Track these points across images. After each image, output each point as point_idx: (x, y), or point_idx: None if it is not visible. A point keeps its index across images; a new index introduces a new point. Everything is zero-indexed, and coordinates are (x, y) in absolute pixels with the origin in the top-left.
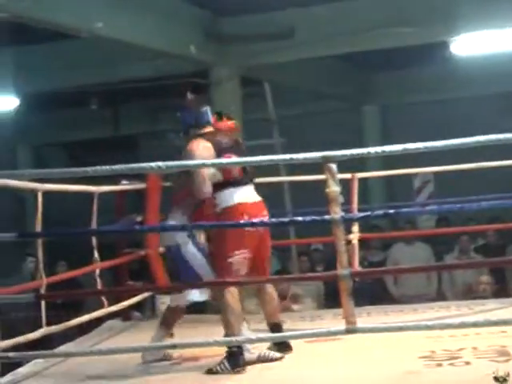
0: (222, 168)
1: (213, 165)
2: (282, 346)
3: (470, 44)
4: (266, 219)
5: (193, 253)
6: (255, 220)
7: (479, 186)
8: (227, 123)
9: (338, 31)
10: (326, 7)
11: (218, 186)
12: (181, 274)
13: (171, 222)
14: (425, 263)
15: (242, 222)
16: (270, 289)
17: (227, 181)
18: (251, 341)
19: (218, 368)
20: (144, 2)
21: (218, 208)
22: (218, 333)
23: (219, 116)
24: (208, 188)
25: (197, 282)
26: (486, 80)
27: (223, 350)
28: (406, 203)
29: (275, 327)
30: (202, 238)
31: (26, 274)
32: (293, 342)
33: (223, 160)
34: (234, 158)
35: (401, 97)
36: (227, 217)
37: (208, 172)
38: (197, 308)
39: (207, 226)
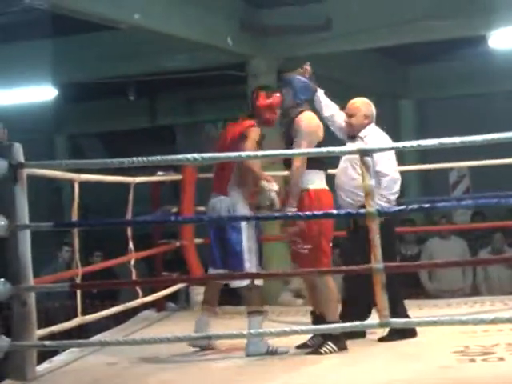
0: None
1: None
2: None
3: (509, 38)
4: None
5: (250, 239)
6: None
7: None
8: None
9: (375, 24)
10: (363, 0)
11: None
12: (229, 255)
13: (232, 201)
14: (459, 258)
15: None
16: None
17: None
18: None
19: (324, 350)
20: None
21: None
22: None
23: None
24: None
25: (240, 272)
26: None
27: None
28: (442, 197)
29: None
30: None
31: (61, 263)
32: None
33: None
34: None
35: (437, 91)
36: (318, 199)
37: None
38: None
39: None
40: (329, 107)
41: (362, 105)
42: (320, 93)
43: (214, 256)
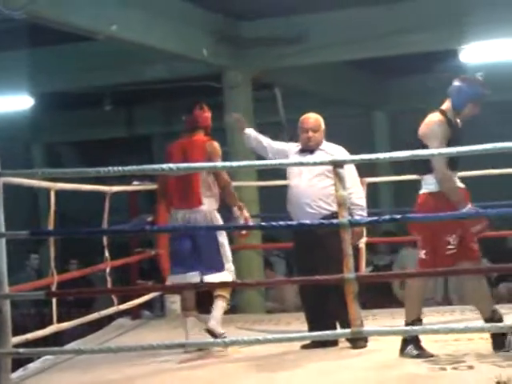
0: None
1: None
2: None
3: (479, 52)
4: None
5: (224, 242)
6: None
7: (484, 193)
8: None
9: (350, 37)
10: (339, 13)
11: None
12: (209, 258)
13: (207, 212)
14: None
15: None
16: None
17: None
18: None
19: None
20: (159, 6)
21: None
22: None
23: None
24: None
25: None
26: (493, 88)
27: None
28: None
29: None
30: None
31: (30, 271)
32: (291, 346)
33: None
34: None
35: (410, 103)
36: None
37: None
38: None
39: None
40: (260, 140)
41: (321, 120)
42: (248, 131)
43: (186, 261)
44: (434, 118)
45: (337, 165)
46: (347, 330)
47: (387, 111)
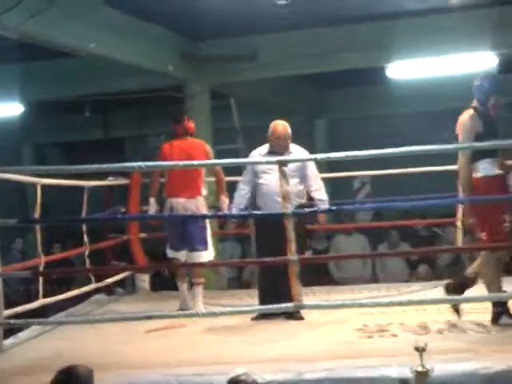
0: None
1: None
2: None
3: (402, 69)
4: None
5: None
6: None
7: (408, 188)
8: (192, 123)
9: (294, 55)
10: (284, 34)
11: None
12: (196, 239)
13: (199, 202)
14: (361, 251)
15: None
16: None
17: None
18: None
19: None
20: (131, 28)
21: (479, 175)
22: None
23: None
24: None
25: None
26: (415, 100)
27: None
28: (347, 201)
29: None
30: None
31: (16, 253)
32: (245, 318)
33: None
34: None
35: (346, 112)
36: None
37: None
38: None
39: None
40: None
41: (288, 127)
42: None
43: (176, 241)
44: (465, 115)
45: (282, 164)
46: (290, 304)
47: (327, 119)
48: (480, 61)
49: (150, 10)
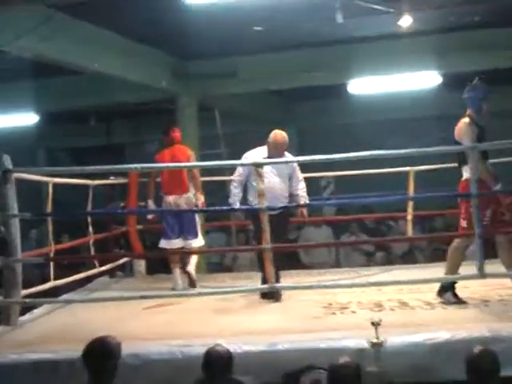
0: None
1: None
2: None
3: (361, 85)
4: None
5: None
6: None
7: (367, 186)
8: (178, 133)
9: (268, 73)
10: (260, 56)
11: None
12: (189, 230)
13: (190, 198)
14: (326, 240)
15: None
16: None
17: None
18: None
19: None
20: (130, 49)
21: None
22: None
23: (167, 128)
24: None
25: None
26: (372, 111)
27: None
28: (315, 197)
29: None
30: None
31: (31, 241)
32: (229, 296)
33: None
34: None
35: (312, 121)
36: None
37: None
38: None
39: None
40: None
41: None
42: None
43: (171, 232)
44: (462, 123)
45: (258, 166)
46: (265, 286)
47: (296, 127)
48: (426, 79)
49: (146, 34)
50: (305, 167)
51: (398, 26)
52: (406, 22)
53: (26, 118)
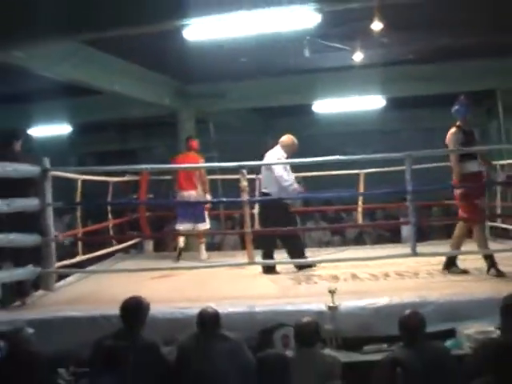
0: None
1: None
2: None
3: (323, 105)
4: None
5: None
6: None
7: (328, 185)
8: (195, 142)
9: (252, 95)
10: (244, 81)
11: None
12: (199, 217)
13: (199, 194)
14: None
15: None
16: None
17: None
18: None
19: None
20: (142, 75)
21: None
22: None
23: (188, 136)
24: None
25: None
26: (332, 125)
27: None
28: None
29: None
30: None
31: (63, 224)
32: (219, 269)
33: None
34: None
35: (287, 132)
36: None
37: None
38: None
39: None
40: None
41: None
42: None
43: (183, 218)
44: (451, 131)
45: (242, 167)
46: (246, 260)
47: (273, 138)
48: (373, 101)
49: (155, 63)
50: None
51: (352, 60)
52: (358, 57)
53: (61, 129)
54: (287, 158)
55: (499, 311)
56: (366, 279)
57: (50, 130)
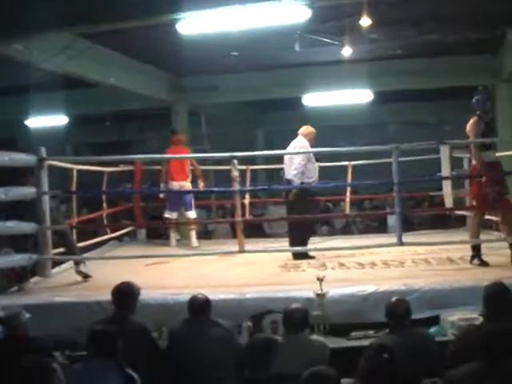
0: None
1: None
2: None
3: (312, 99)
4: None
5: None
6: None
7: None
8: (182, 136)
9: (243, 88)
10: (235, 74)
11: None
12: (187, 204)
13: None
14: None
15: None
16: None
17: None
18: None
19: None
20: (137, 68)
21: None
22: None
23: (174, 131)
24: None
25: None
26: (321, 118)
27: None
28: (277, 184)
29: None
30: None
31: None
32: (210, 257)
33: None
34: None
35: (276, 126)
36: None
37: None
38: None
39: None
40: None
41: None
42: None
43: (173, 206)
44: (472, 121)
45: (233, 158)
46: (237, 249)
47: (263, 131)
48: (361, 95)
49: (149, 56)
50: (270, 159)
51: (341, 54)
52: (347, 52)
53: (57, 120)
54: (310, 146)
55: (482, 299)
56: (353, 268)
57: (47, 120)
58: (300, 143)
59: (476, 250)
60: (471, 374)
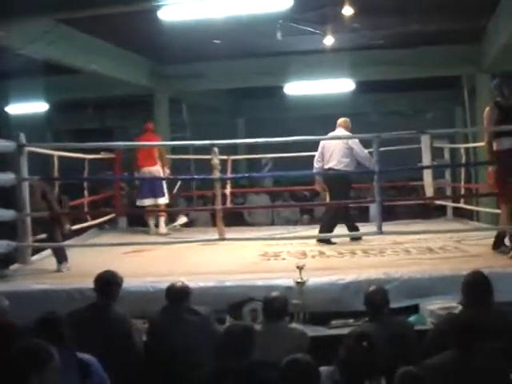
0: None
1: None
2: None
3: (294, 88)
4: None
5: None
6: None
7: (296, 166)
8: (151, 124)
9: (225, 75)
10: (221, 62)
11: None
12: (158, 191)
13: (158, 169)
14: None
15: None
16: None
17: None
18: None
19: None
20: (119, 55)
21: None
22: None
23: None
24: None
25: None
26: (302, 108)
27: None
28: (258, 172)
29: None
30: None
31: None
32: (190, 245)
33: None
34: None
35: (257, 114)
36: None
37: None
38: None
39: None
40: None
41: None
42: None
43: (144, 193)
44: (487, 108)
45: (214, 146)
46: (217, 237)
47: (245, 118)
48: (343, 85)
49: (131, 42)
50: (251, 149)
51: (323, 43)
52: (329, 41)
53: (38, 106)
54: None
55: (461, 288)
56: (333, 256)
57: (27, 107)
58: (345, 135)
59: (501, 238)
60: (446, 362)
